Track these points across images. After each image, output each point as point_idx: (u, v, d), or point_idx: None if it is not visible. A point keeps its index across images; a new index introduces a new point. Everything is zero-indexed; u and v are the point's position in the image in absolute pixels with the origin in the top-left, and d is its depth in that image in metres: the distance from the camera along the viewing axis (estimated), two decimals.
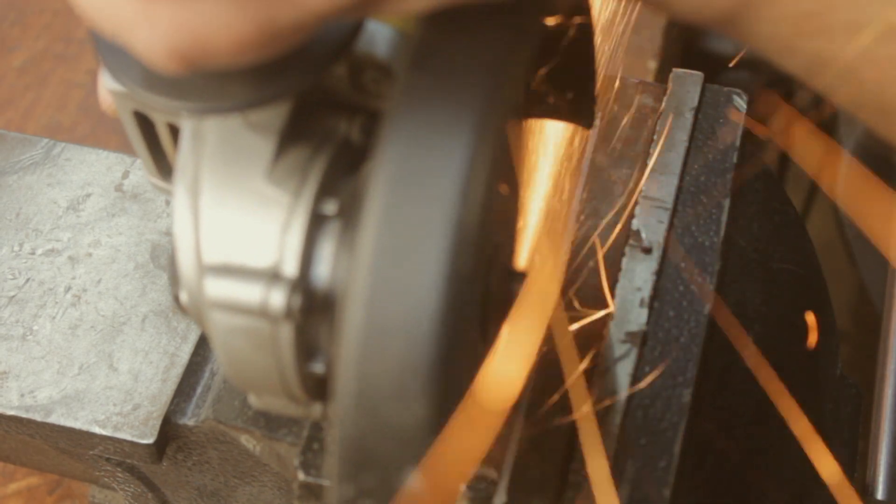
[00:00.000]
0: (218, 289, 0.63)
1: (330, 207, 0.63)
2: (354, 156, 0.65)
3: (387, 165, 0.54)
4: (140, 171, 1.11)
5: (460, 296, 0.55)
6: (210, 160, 0.64)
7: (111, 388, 0.99)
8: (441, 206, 0.54)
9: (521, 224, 0.79)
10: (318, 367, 0.66)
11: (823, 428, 1.00)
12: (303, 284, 0.62)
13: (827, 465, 0.81)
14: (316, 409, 0.71)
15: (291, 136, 0.64)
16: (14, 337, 1.02)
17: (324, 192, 0.63)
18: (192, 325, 1.01)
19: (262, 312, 0.62)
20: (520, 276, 0.70)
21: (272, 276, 0.62)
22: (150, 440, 0.96)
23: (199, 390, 0.99)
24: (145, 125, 0.71)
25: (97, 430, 0.97)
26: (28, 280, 1.05)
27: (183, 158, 0.65)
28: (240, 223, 0.63)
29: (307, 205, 0.62)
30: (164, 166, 0.74)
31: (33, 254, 1.07)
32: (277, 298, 0.62)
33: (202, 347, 1.01)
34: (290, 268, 0.62)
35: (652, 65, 1.28)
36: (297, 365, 0.65)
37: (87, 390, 0.99)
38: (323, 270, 0.63)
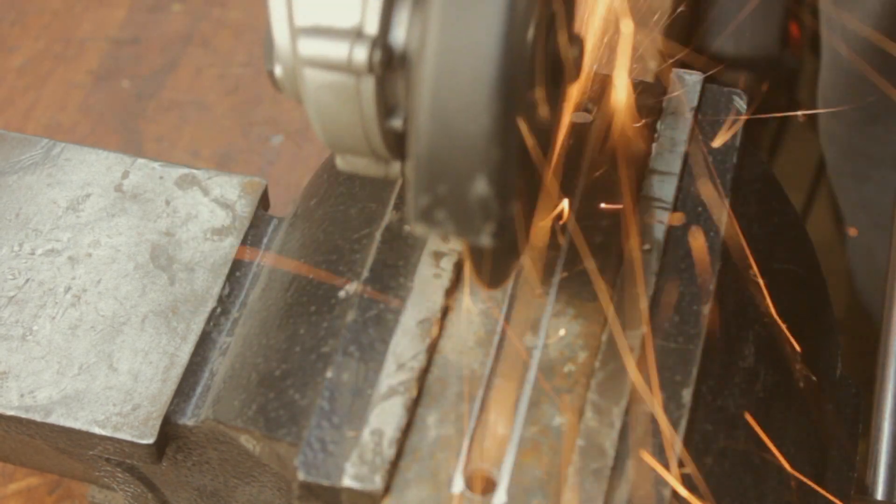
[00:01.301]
0: (310, 47, 0.71)
1: None
2: None
3: None
4: (140, 171, 1.11)
5: (520, 24, 0.65)
6: None
7: (111, 388, 0.99)
8: None
9: None
10: (396, 123, 0.75)
11: (823, 427, 1.00)
12: (382, 42, 0.71)
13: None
14: (395, 167, 0.79)
15: None
16: (14, 337, 1.02)
17: None
18: (191, 326, 1.02)
19: (348, 67, 0.71)
20: (575, 40, 0.78)
21: (356, 34, 0.71)
22: (149, 440, 0.96)
23: (198, 390, 0.99)
24: None
25: (97, 430, 0.97)
26: (28, 280, 1.05)
27: None
28: None
29: None
30: None
31: (33, 254, 1.07)
32: (361, 53, 0.70)
33: (202, 347, 1.01)
34: (372, 27, 0.71)
35: (652, 65, 1.28)
36: (379, 118, 0.74)
37: (87, 390, 0.99)
38: (400, 33, 0.72)
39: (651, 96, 1.00)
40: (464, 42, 0.65)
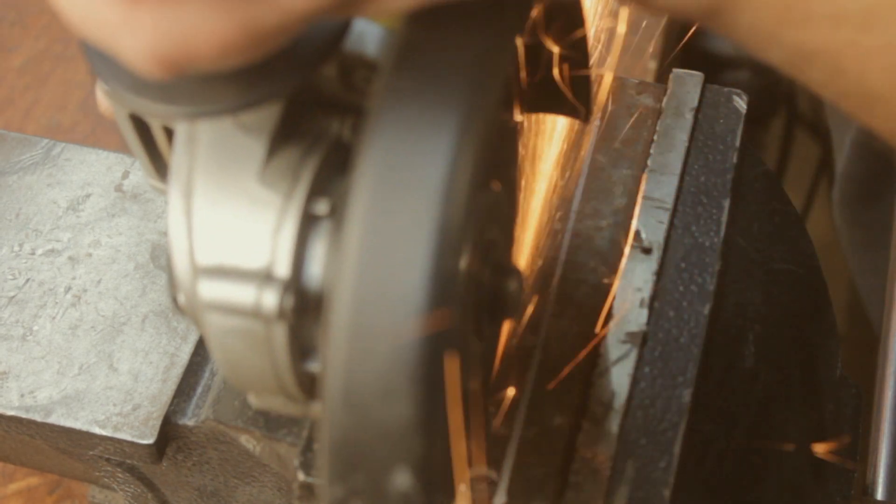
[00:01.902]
0: (212, 290, 0.63)
1: (321, 207, 0.63)
2: (346, 155, 0.64)
3: (368, 165, 0.54)
4: (140, 171, 1.11)
5: (446, 294, 0.55)
6: (203, 162, 0.64)
7: (111, 388, 0.99)
8: (424, 205, 0.54)
9: (518, 221, 0.79)
10: (313, 367, 0.67)
11: (823, 428, 1.00)
12: (295, 285, 0.63)
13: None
14: (315, 407, 0.71)
15: (283, 137, 0.65)
16: (14, 337, 1.02)
17: (315, 192, 0.63)
18: (192, 326, 1.01)
19: (256, 313, 0.63)
20: (515, 273, 0.70)
21: (265, 276, 0.63)
22: (150, 440, 0.96)
23: (199, 390, 0.99)
24: (142, 128, 0.71)
25: (97, 430, 0.97)
26: (28, 280, 1.05)
27: (176, 161, 0.65)
28: (232, 225, 0.63)
29: (299, 205, 0.63)
30: (161, 168, 0.74)
31: (33, 254, 1.07)
32: (270, 299, 0.62)
33: (202, 347, 1.01)
34: (283, 268, 0.63)
35: (652, 65, 1.28)
36: (293, 364, 0.66)
37: (87, 390, 0.99)
38: (315, 270, 0.63)
39: (651, 96, 1.00)
40: (379, 314, 0.54)
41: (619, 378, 0.85)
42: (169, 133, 0.71)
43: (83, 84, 1.74)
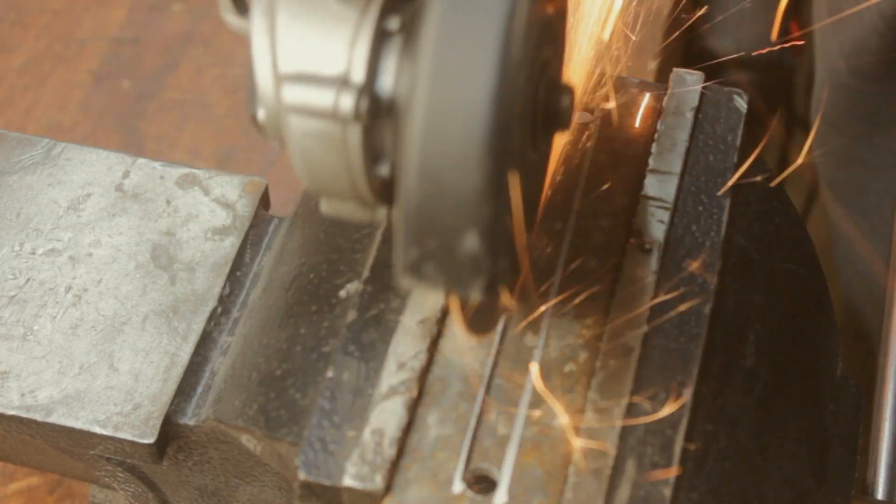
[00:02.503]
0: (294, 94, 0.71)
1: (393, 24, 0.70)
2: None
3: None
4: (140, 170, 1.11)
5: (513, 78, 0.64)
6: None
7: (112, 387, 0.99)
8: (490, 18, 0.63)
9: (568, 43, 0.85)
10: (383, 170, 0.74)
11: (823, 428, 1.00)
12: (369, 90, 0.70)
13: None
14: (381, 212, 0.78)
15: None
16: (14, 337, 1.02)
17: (387, 10, 0.71)
18: (192, 325, 1.02)
19: (334, 114, 0.70)
20: (566, 89, 0.77)
21: (342, 82, 0.70)
22: (150, 440, 0.96)
23: (199, 390, 0.99)
24: None
25: (98, 429, 0.97)
26: (28, 280, 1.05)
27: None
28: (313, 36, 0.71)
29: (373, 21, 0.70)
30: (239, 2, 0.80)
31: (34, 254, 1.07)
32: (347, 101, 0.70)
33: (203, 347, 1.01)
34: (358, 75, 0.70)
35: (652, 65, 1.28)
36: (365, 166, 0.73)
37: (88, 390, 0.99)
38: (387, 80, 0.71)
39: (651, 96, 1.00)
40: (455, 98, 0.64)
41: (620, 377, 0.85)
42: None
43: (83, 84, 1.75)
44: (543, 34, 0.73)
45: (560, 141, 0.91)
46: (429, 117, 0.65)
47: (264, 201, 1.10)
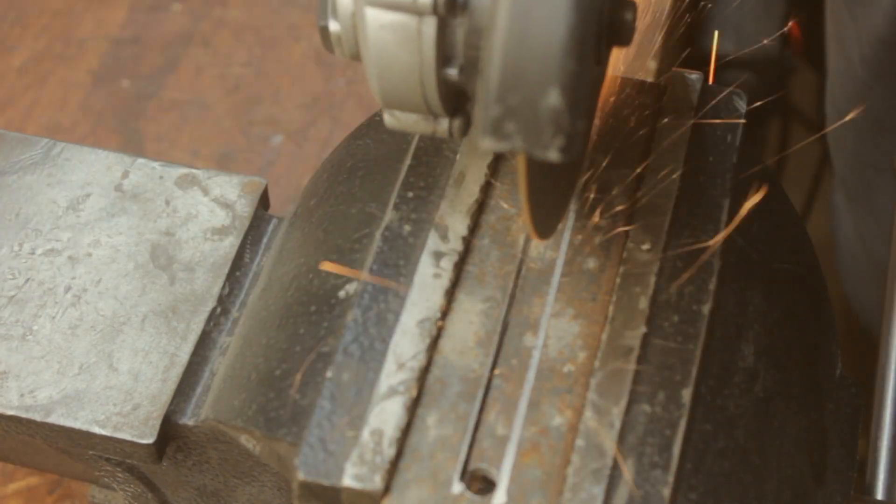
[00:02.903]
0: None
1: None
2: None
3: None
4: (140, 170, 1.11)
5: None
6: None
7: (111, 388, 0.99)
8: None
9: None
10: (452, 73, 0.77)
11: (823, 428, 1.00)
12: None
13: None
14: (443, 124, 0.81)
15: None
16: (14, 337, 1.02)
17: None
18: (191, 325, 1.02)
19: (412, 6, 0.73)
20: (629, 4, 0.80)
21: None
22: (149, 440, 0.96)
23: (198, 390, 0.99)
24: None
25: (97, 430, 0.97)
26: (28, 280, 1.05)
27: None
28: None
29: None
30: None
31: (33, 254, 1.07)
32: None
33: (202, 347, 1.01)
34: None
35: (652, 65, 1.28)
36: (437, 65, 0.76)
37: (87, 390, 0.99)
38: None
39: (651, 96, 1.00)
40: None
41: (619, 377, 0.85)
42: None
43: (83, 84, 1.75)
44: None
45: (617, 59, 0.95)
46: None
47: (264, 201, 1.10)
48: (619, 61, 0.98)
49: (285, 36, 1.78)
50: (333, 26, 0.79)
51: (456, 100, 0.80)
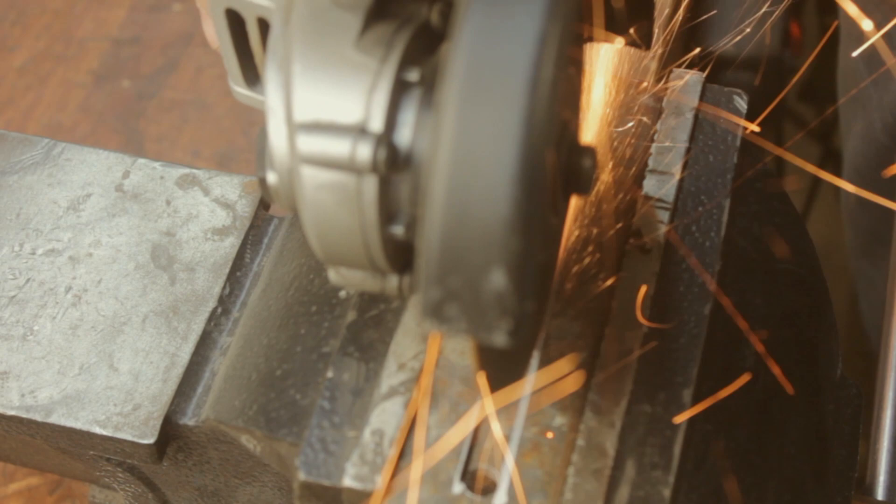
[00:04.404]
0: (309, 143, 0.68)
1: (413, 75, 0.69)
2: (434, 37, 0.71)
3: (465, 40, 0.61)
4: (140, 171, 1.12)
5: (543, 110, 0.62)
6: (301, 35, 0.69)
7: (112, 388, 0.99)
8: (515, 83, 0.61)
9: (583, 104, 0.84)
10: (397, 230, 0.71)
11: (823, 428, 1.00)
12: (387, 140, 0.68)
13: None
14: (392, 281, 0.75)
15: (377, 15, 0.70)
16: (14, 337, 1.02)
17: (407, 61, 0.69)
18: (192, 326, 1.02)
19: (350, 164, 0.68)
20: (587, 151, 0.74)
21: (360, 130, 0.68)
22: (150, 440, 0.96)
23: (199, 390, 0.99)
24: (236, 25, 0.77)
25: (98, 430, 0.97)
26: (28, 280, 1.05)
27: (274, 40, 0.71)
28: (329, 85, 0.69)
29: (392, 70, 0.68)
30: (249, 71, 0.79)
31: (34, 254, 1.07)
32: (364, 150, 0.67)
33: (203, 347, 1.01)
34: (376, 124, 0.68)
35: (652, 65, 1.28)
36: (380, 223, 0.70)
37: (88, 390, 0.99)
38: (405, 133, 0.69)
39: (651, 96, 1.00)
40: (485, 125, 0.61)
41: (619, 377, 0.85)
42: (263, 29, 0.76)
43: (83, 84, 1.75)
44: (565, 95, 0.71)
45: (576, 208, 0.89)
46: (456, 145, 0.61)
47: (264, 201, 1.10)
48: (619, 61, 0.98)
49: None
50: (271, 178, 0.72)
51: (405, 256, 0.74)
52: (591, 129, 0.91)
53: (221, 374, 0.97)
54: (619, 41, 0.84)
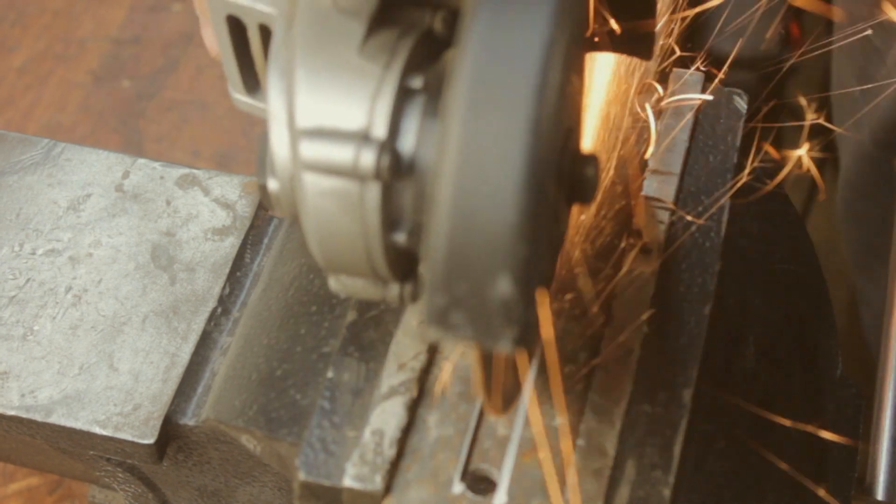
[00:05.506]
0: (312, 150, 0.67)
1: (417, 82, 0.68)
2: (437, 45, 0.70)
3: (472, 47, 0.61)
4: (140, 171, 1.12)
5: (549, 118, 0.61)
6: (303, 42, 0.68)
7: (112, 388, 0.99)
8: (520, 92, 0.60)
9: (585, 112, 0.83)
10: (400, 238, 0.70)
11: (823, 428, 1.00)
12: (390, 146, 0.67)
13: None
14: (393, 290, 0.74)
15: (380, 22, 0.69)
16: (15, 337, 1.02)
17: (411, 68, 0.68)
18: (192, 326, 1.02)
19: (353, 171, 0.67)
20: (590, 159, 0.73)
21: (363, 137, 0.67)
22: (150, 440, 0.96)
23: (199, 390, 0.99)
24: (237, 32, 0.76)
25: (98, 430, 0.97)
26: (28, 280, 1.05)
27: (276, 45, 0.70)
28: (333, 91, 0.68)
29: (396, 76, 0.68)
30: (249, 78, 0.78)
31: (34, 254, 1.07)
32: (368, 157, 0.66)
33: (203, 347, 1.01)
34: (380, 131, 0.67)
35: (652, 65, 1.28)
36: (382, 231, 0.69)
37: (88, 390, 0.99)
38: (409, 140, 0.68)
39: (651, 96, 1.00)
40: (492, 132, 0.60)
41: (619, 378, 0.85)
42: (264, 35, 0.75)
43: (83, 84, 1.75)
44: (569, 103, 0.71)
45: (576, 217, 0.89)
46: (463, 152, 0.61)
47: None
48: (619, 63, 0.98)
49: None
50: (272, 185, 0.71)
51: (406, 264, 0.73)
52: (592, 135, 0.91)
53: (221, 374, 0.97)
54: (621, 56, 0.84)
